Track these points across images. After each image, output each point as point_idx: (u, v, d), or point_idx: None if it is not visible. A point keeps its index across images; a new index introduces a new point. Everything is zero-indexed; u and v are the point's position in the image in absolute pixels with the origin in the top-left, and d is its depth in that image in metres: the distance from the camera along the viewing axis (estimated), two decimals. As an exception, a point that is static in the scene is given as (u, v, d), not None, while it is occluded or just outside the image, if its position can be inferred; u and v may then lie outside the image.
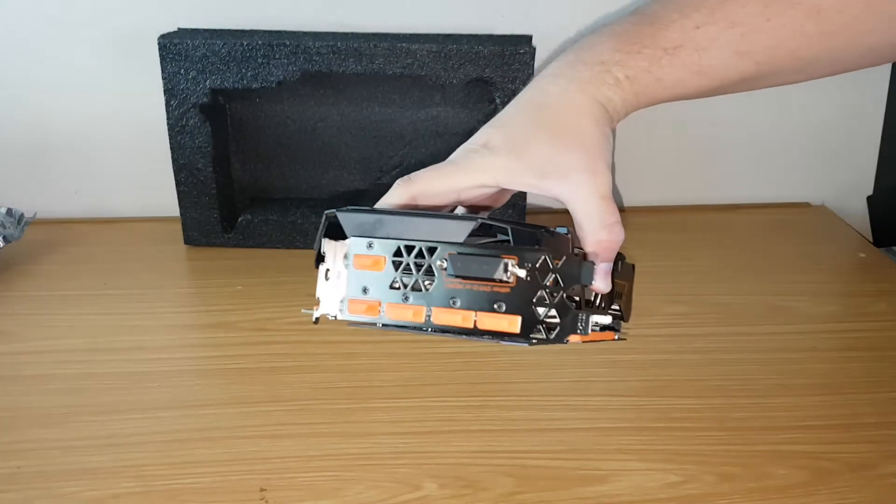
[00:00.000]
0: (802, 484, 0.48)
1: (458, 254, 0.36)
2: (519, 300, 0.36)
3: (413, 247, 0.37)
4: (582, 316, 0.37)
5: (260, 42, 0.67)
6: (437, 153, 0.76)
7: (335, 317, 0.39)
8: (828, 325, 0.65)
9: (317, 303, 0.39)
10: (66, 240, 0.77)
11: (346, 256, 0.38)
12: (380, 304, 0.37)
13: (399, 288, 0.37)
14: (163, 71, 0.69)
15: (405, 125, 0.75)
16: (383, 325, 0.38)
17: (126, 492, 0.47)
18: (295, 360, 0.59)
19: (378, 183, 0.78)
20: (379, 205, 0.42)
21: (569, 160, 0.39)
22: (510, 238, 0.36)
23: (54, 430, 0.52)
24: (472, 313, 0.36)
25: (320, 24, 0.74)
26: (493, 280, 0.36)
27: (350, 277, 0.38)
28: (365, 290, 0.38)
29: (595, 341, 0.39)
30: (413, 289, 0.37)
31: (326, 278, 0.39)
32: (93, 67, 0.76)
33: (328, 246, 0.39)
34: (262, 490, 0.47)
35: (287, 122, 0.75)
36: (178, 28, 0.73)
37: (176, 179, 0.73)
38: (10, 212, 0.72)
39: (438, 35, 0.71)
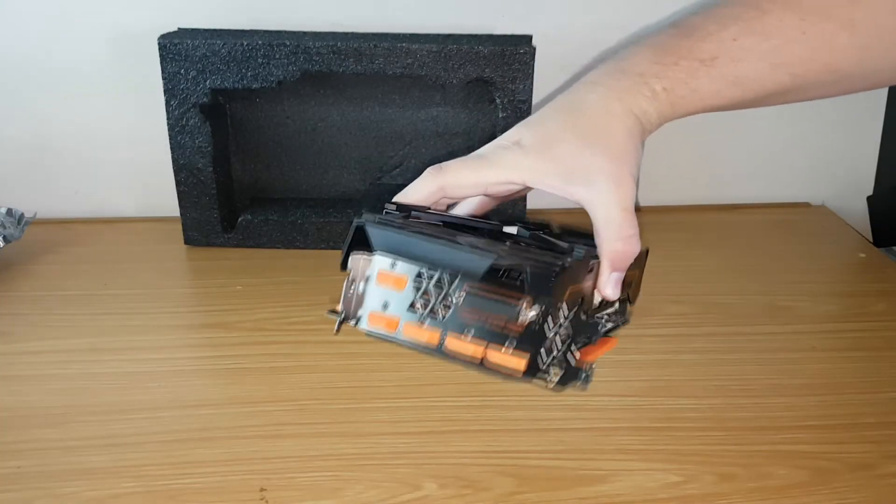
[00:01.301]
0: (802, 484, 0.48)
1: (473, 293, 0.36)
2: (528, 342, 0.36)
3: (434, 272, 0.36)
4: (586, 367, 0.37)
5: (260, 42, 0.67)
6: (438, 153, 0.76)
7: (356, 325, 0.39)
8: (828, 325, 0.65)
9: (340, 312, 0.39)
10: (66, 240, 0.77)
11: (369, 272, 0.38)
12: (398, 322, 0.38)
13: (418, 309, 0.37)
14: (163, 71, 0.69)
15: (405, 125, 0.75)
16: (400, 341, 0.38)
17: (126, 492, 0.47)
18: (295, 360, 0.59)
19: (378, 183, 0.78)
20: (408, 191, 0.42)
21: (596, 167, 0.39)
22: (526, 280, 0.35)
23: (54, 429, 0.52)
24: (483, 347, 0.36)
25: (320, 24, 0.74)
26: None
27: (372, 291, 0.38)
28: (385, 306, 0.38)
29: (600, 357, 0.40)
30: (430, 313, 0.37)
31: (350, 290, 0.39)
32: (93, 67, 0.76)
33: (353, 260, 0.39)
34: (262, 490, 0.47)
35: (287, 122, 0.75)
36: (179, 28, 0.73)
37: (176, 179, 0.73)
38: (10, 212, 0.72)
39: (438, 35, 0.71)
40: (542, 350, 0.36)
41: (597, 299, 0.43)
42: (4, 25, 0.75)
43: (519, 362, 0.36)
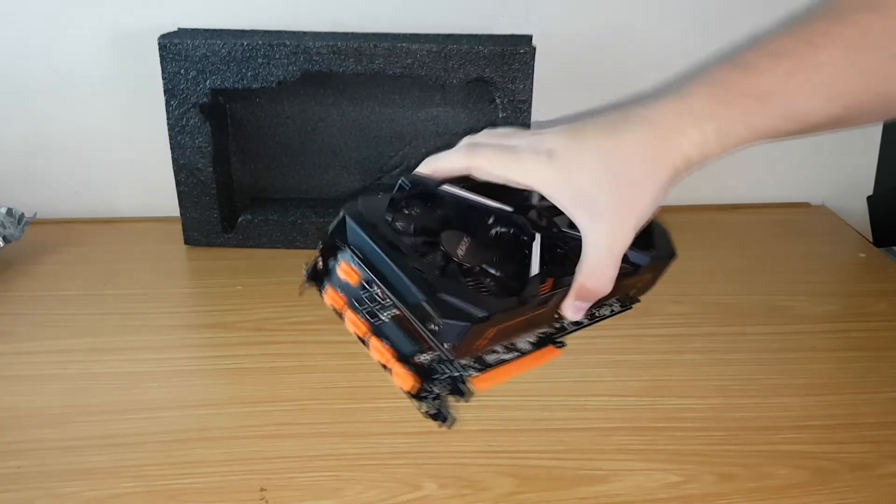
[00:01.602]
0: (802, 484, 0.48)
1: (398, 318, 0.39)
2: (423, 372, 0.40)
3: (379, 285, 0.39)
4: (450, 416, 0.40)
5: (260, 42, 0.68)
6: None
7: (319, 292, 0.42)
8: (828, 325, 0.65)
9: (305, 277, 0.42)
10: (66, 240, 0.77)
11: (339, 256, 0.40)
12: (345, 306, 0.41)
13: (361, 305, 0.40)
14: (163, 71, 0.69)
15: (405, 125, 0.76)
16: (344, 323, 0.41)
17: (126, 492, 0.47)
18: (295, 360, 0.59)
19: (378, 183, 0.78)
20: (439, 161, 0.44)
21: (605, 207, 0.40)
22: (435, 337, 0.38)
23: (54, 429, 0.52)
24: (392, 358, 0.40)
25: (320, 24, 0.74)
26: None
27: (336, 272, 0.41)
28: (342, 289, 0.41)
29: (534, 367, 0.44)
30: (368, 313, 0.40)
31: (319, 262, 0.42)
32: (93, 67, 0.76)
33: (327, 246, 0.41)
34: (262, 490, 0.47)
35: (287, 122, 0.75)
36: (179, 28, 0.73)
37: (176, 179, 0.73)
38: (10, 212, 0.72)
39: (438, 35, 0.71)
40: (433, 381, 0.40)
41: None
42: (4, 25, 0.75)
43: (409, 384, 0.39)
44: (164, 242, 0.77)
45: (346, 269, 0.40)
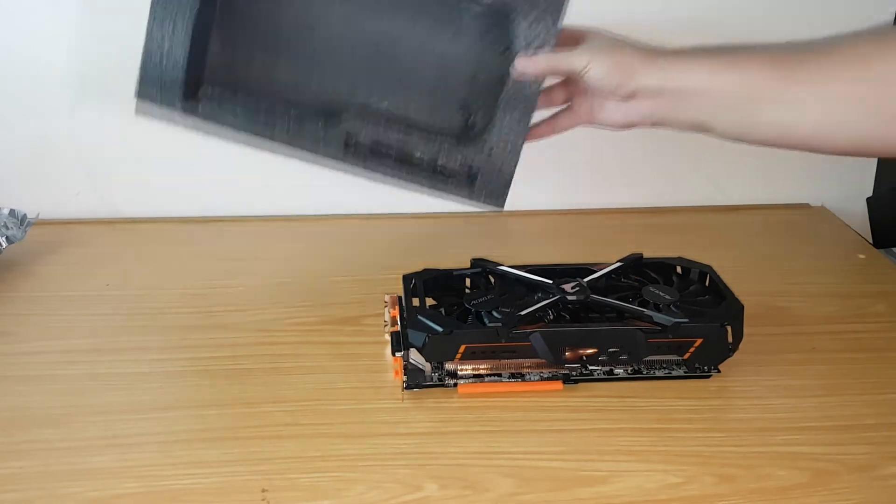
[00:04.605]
0: (802, 485, 0.48)
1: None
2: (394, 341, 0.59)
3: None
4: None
5: None
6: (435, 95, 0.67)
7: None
8: (827, 326, 0.65)
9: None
10: (68, 241, 0.77)
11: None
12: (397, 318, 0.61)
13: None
14: None
15: (407, 51, 0.64)
16: None
17: (128, 492, 0.47)
18: (296, 360, 0.59)
19: (369, 112, 0.64)
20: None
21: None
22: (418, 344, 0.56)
23: (56, 430, 0.52)
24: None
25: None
26: None
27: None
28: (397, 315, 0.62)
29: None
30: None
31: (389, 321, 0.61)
32: (95, 69, 0.76)
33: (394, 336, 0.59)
34: (263, 490, 0.47)
35: (284, 6, 0.63)
36: None
37: (147, 30, 0.61)
38: (12, 213, 0.73)
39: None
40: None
41: None
42: (5, 25, 0.75)
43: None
44: (165, 243, 0.77)
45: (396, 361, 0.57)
